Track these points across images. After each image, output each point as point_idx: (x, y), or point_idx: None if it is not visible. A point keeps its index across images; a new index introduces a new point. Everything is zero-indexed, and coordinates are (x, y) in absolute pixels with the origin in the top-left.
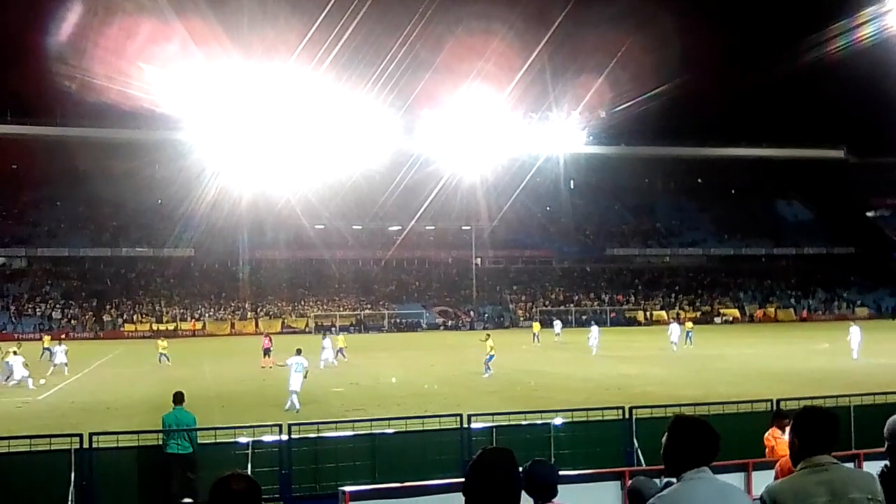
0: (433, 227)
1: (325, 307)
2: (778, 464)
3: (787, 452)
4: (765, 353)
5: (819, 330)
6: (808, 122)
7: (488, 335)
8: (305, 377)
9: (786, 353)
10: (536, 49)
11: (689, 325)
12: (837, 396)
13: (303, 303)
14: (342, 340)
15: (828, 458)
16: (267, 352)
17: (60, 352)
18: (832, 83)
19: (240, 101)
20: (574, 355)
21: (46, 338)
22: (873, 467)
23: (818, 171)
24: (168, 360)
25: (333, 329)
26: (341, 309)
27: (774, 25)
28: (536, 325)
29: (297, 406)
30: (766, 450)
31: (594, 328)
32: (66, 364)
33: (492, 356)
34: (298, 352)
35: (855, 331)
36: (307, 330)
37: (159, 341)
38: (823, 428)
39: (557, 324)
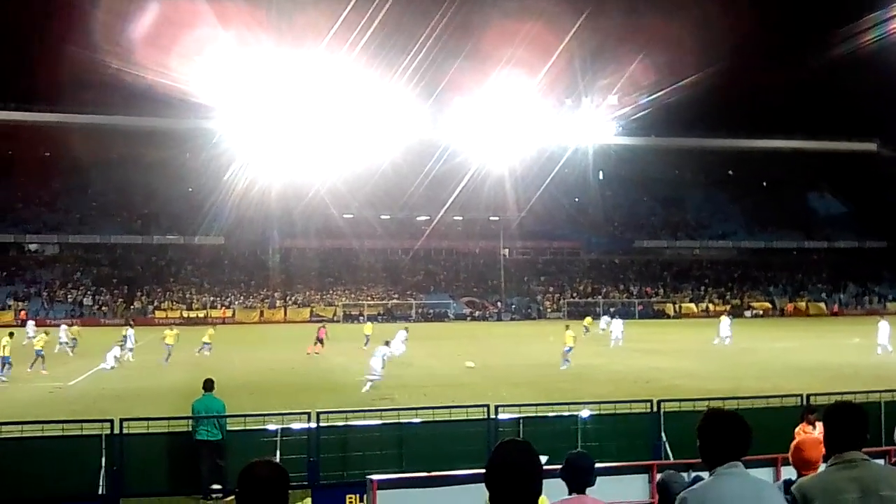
0: (461, 218)
1: (353, 296)
2: (792, 445)
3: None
4: (795, 348)
5: (850, 324)
6: (840, 114)
7: (568, 326)
8: (384, 366)
9: (816, 348)
10: (567, 37)
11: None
12: (868, 392)
13: (331, 292)
14: (368, 328)
15: (858, 455)
16: (321, 341)
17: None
18: (866, 75)
19: (270, 89)
20: (604, 348)
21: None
22: None
23: (850, 164)
24: (209, 350)
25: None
26: (369, 298)
27: (809, 17)
28: (588, 319)
29: (370, 383)
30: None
31: (617, 321)
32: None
33: (570, 348)
34: (387, 343)
35: (883, 325)
36: (335, 318)
37: (209, 330)
38: (853, 423)
39: (605, 318)
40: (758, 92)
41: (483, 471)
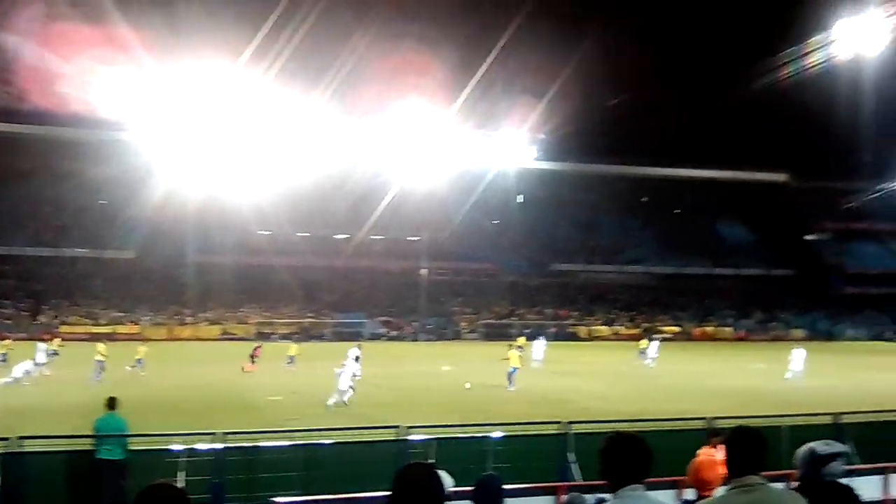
0: (380, 237)
1: (266, 314)
2: (690, 466)
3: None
4: (703, 372)
5: (755, 350)
6: (752, 145)
7: (510, 346)
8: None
9: (723, 372)
10: (486, 62)
11: (645, 342)
12: (772, 417)
13: (244, 309)
14: (295, 349)
15: (757, 479)
16: (253, 358)
17: None
18: (778, 109)
19: (188, 103)
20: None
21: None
22: None
23: (760, 194)
24: (141, 366)
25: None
26: (284, 317)
27: (723, 50)
28: (521, 339)
29: (344, 400)
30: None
31: (540, 342)
32: None
33: (515, 368)
34: (357, 359)
35: (798, 352)
36: (247, 337)
37: (139, 346)
38: (752, 448)
39: (542, 340)
40: (672, 121)
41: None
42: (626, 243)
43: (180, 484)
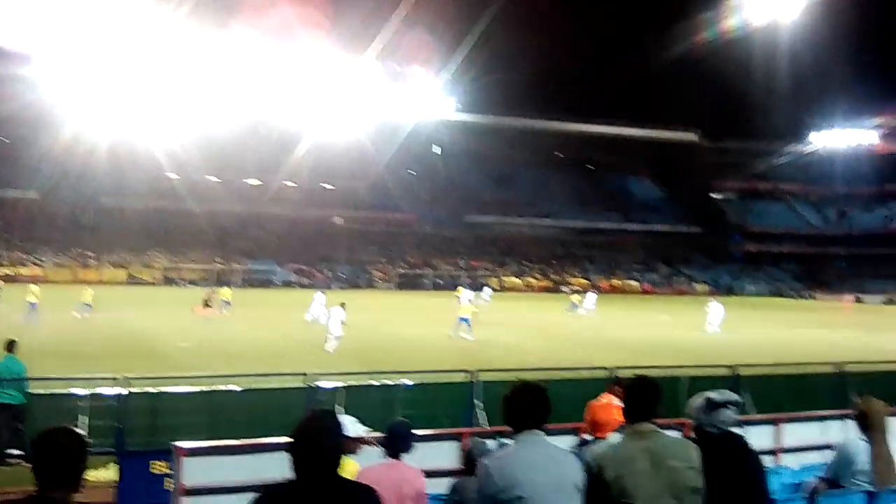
0: (294, 185)
1: (174, 259)
2: (588, 406)
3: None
4: (608, 324)
5: (660, 303)
6: (665, 105)
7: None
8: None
9: (628, 324)
10: (404, 11)
11: (577, 296)
12: (672, 367)
13: (151, 254)
14: (227, 293)
15: (650, 427)
16: (207, 302)
17: None
18: (692, 70)
19: (98, 39)
20: (429, 317)
21: None
22: None
23: (670, 153)
24: (89, 312)
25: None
26: (192, 262)
27: (643, 11)
28: (459, 289)
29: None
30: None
31: (468, 292)
32: None
33: (467, 318)
34: (343, 305)
35: (715, 306)
36: (153, 281)
37: (85, 290)
38: (646, 397)
39: (487, 290)
40: (589, 79)
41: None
42: (540, 197)
43: (81, 428)
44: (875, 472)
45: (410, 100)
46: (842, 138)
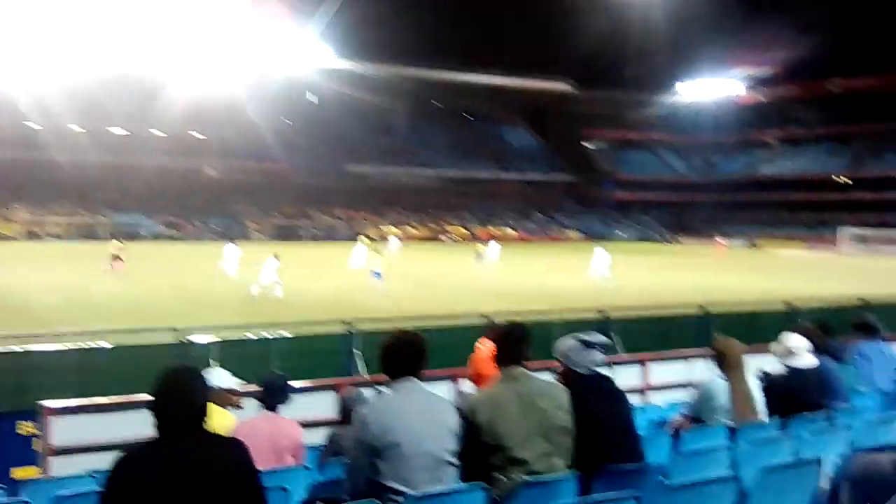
0: (163, 134)
1: (37, 213)
2: (470, 359)
3: (482, 364)
4: (486, 272)
5: (535, 250)
6: (539, 53)
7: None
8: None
9: (505, 272)
10: None
11: (481, 246)
12: (545, 312)
13: (12, 207)
14: (117, 246)
15: (521, 370)
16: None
17: None
18: (564, 19)
19: None
20: (307, 269)
21: None
22: None
23: (544, 102)
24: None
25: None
26: (55, 215)
27: None
28: (365, 239)
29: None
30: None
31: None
32: None
33: (378, 272)
34: (276, 256)
35: (600, 251)
36: (15, 236)
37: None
38: (516, 341)
39: (394, 240)
40: (464, 28)
41: None
42: (418, 146)
43: None
44: (734, 408)
45: (285, 47)
46: (707, 88)
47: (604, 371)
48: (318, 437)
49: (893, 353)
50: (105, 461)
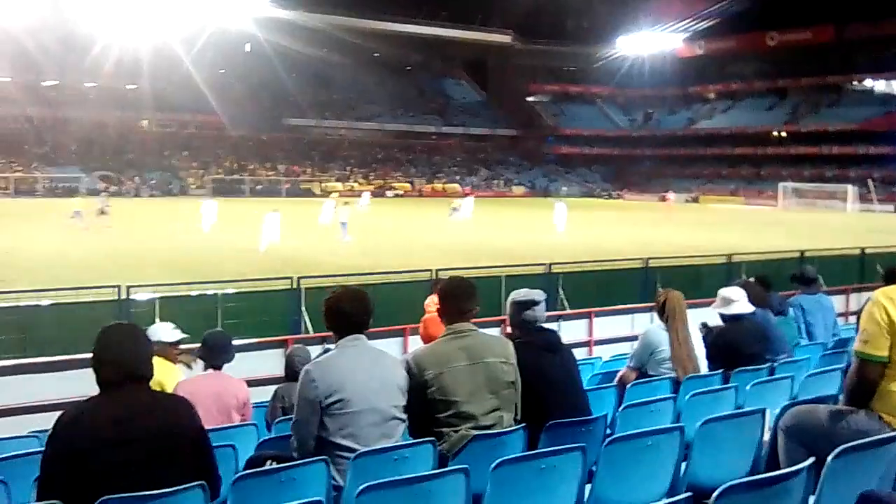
0: (95, 85)
1: None
2: (422, 321)
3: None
4: (431, 227)
5: (481, 206)
6: (480, 4)
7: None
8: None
9: (450, 227)
10: None
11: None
12: (493, 267)
13: None
14: (79, 203)
15: (468, 326)
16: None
17: None
18: None
19: None
20: (249, 225)
21: None
22: None
23: (486, 55)
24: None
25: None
26: None
27: None
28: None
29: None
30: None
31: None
32: None
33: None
34: (275, 210)
35: (560, 206)
36: None
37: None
38: (463, 297)
39: (366, 195)
40: None
41: None
42: (360, 99)
43: None
44: (675, 360)
45: None
46: (647, 42)
47: (549, 326)
48: (266, 394)
49: (831, 305)
50: (47, 421)
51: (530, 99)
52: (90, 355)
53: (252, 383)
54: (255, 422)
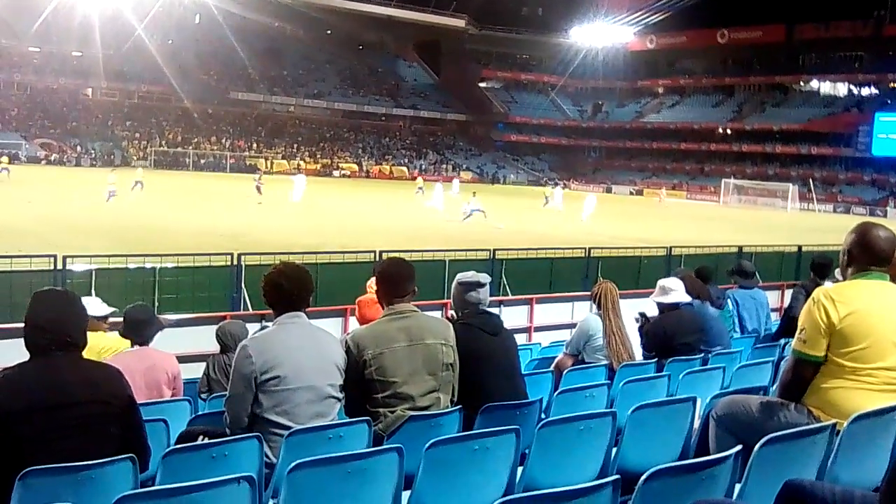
0: (38, 49)
1: None
2: (357, 302)
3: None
4: (378, 208)
5: (428, 189)
6: None
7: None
8: None
9: (397, 209)
10: None
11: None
12: (437, 251)
13: None
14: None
15: (409, 307)
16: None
17: None
18: None
19: None
20: (191, 198)
21: None
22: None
23: (439, 37)
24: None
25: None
26: None
27: None
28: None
29: None
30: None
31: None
32: None
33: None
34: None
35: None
36: None
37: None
38: (401, 278)
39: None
40: None
41: None
42: (309, 76)
43: None
44: (609, 348)
45: None
46: (600, 34)
47: (491, 310)
48: (202, 370)
49: (765, 300)
50: None
51: (482, 85)
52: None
53: (188, 359)
54: (188, 397)
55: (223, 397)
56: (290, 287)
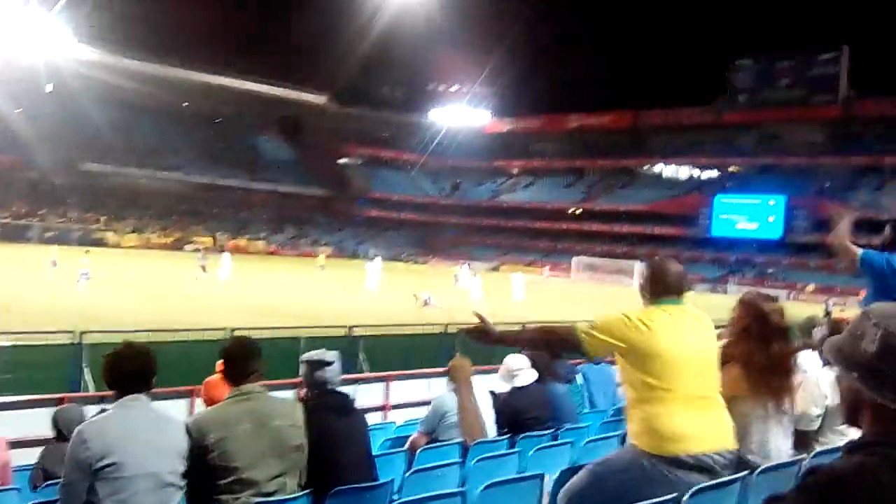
0: None
1: None
2: (203, 384)
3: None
4: (232, 284)
5: (286, 264)
6: (297, 63)
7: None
8: None
9: (253, 285)
10: None
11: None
12: (292, 328)
13: None
14: None
15: (255, 388)
16: None
17: None
18: (326, 33)
19: None
20: (33, 272)
21: None
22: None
23: (300, 113)
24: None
25: None
26: None
27: None
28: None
29: None
30: None
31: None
32: None
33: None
34: None
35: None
36: None
37: None
38: (247, 357)
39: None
40: (222, 29)
41: None
42: (164, 148)
43: None
44: (462, 425)
45: (21, 30)
46: (459, 115)
47: (346, 389)
48: (36, 456)
49: (613, 374)
50: None
51: (343, 161)
52: None
53: (22, 444)
54: (17, 486)
55: (56, 486)
56: (131, 368)
